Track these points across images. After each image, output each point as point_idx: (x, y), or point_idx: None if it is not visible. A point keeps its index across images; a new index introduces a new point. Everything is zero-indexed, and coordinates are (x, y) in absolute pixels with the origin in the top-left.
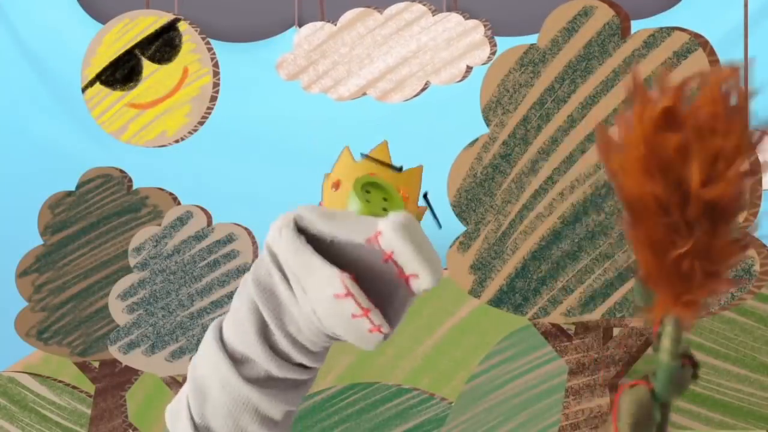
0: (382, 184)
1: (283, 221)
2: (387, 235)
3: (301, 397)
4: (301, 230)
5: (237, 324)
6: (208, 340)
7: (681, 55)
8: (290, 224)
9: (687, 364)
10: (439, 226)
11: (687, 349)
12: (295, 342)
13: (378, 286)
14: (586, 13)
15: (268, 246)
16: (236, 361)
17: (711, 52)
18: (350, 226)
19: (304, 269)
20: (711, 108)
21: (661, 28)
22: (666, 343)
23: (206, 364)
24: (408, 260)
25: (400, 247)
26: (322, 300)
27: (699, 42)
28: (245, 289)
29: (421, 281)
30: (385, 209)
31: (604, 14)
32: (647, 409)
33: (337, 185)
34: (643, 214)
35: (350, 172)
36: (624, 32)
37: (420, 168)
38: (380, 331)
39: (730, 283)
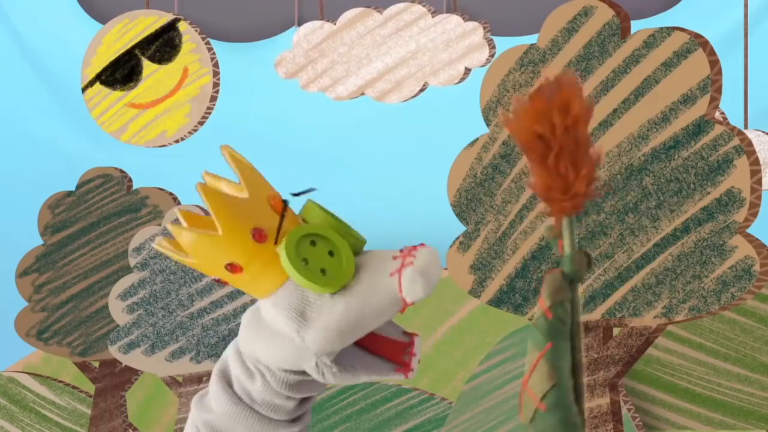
0: (326, 235)
1: (324, 368)
2: (419, 300)
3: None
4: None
5: (274, 407)
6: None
7: (681, 55)
8: (330, 368)
9: (585, 253)
10: (311, 189)
11: (583, 247)
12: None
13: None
14: (586, 13)
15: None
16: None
17: (711, 52)
18: (381, 315)
19: (357, 380)
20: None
21: (661, 28)
22: (566, 237)
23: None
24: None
25: (424, 294)
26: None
27: (699, 42)
28: (273, 393)
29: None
30: (323, 270)
31: (604, 14)
32: (560, 283)
33: (238, 268)
34: (533, 147)
35: (240, 249)
36: (624, 32)
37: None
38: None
39: (595, 182)
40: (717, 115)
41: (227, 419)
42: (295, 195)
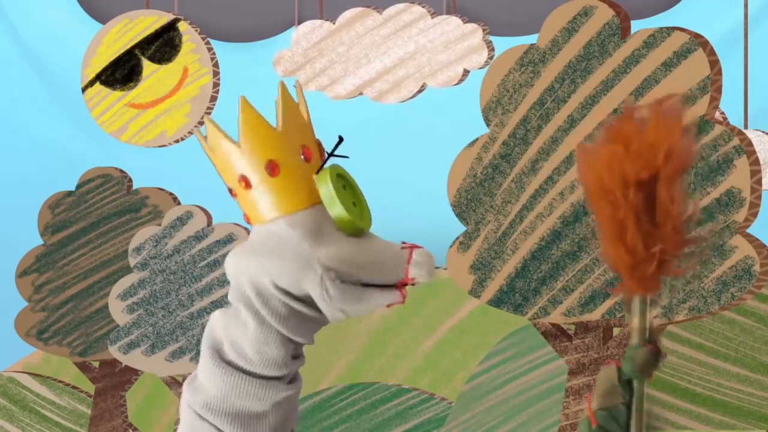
0: (355, 186)
1: (328, 281)
2: (420, 281)
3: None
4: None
5: (270, 360)
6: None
7: (681, 55)
8: (334, 281)
9: (651, 349)
10: (346, 156)
11: (656, 335)
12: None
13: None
14: (586, 13)
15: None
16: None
17: (711, 52)
18: (384, 273)
19: (359, 302)
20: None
21: (661, 28)
22: (634, 321)
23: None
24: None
25: (424, 280)
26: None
27: (699, 42)
28: (267, 331)
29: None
30: (355, 204)
31: (604, 14)
32: (614, 385)
33: (275, 171)
34: (599, 203)
35: (288, 152)
36: (624, 32)
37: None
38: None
39: (683, 269)
40: (717, 115)
41: (225, 393)
42: (329, 156)
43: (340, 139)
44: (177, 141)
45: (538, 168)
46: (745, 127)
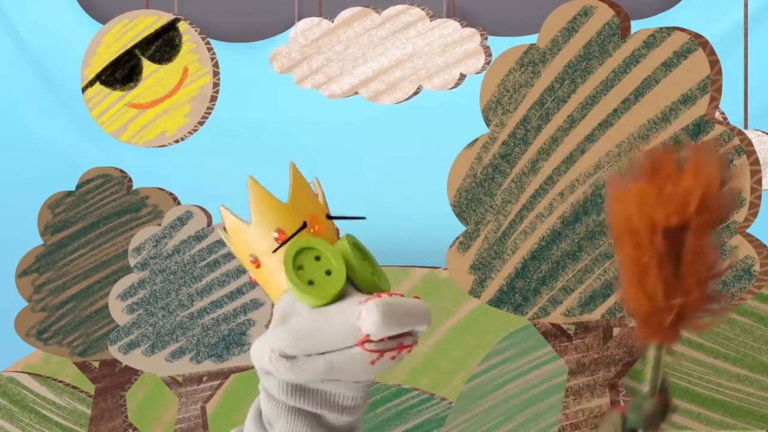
0: (311, 245)
1: (273, 358)
2: (376, 334)
3: None
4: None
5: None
6: None
7: (681, 55)
8: (278, 361)
9: (661, 401)
10: (362, 217)
11: (667, 385)
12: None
13: None
14: (586, 13)
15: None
16: None
17: (711, 52)
18: (337, 337)
19: (317, 369)
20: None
21: (661, 28)
22: (647, 369)
23: None
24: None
25: (390, 332)
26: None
27: (699, 42)
28: (276, 406)
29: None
30: (311, 282)
31: (604, 14)
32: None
33: (257, 263)
34: (623, 243)
35: (261, 246)
36: (624, 32)
37: (300, 180)
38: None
39: (702, 323)
40: (717, 115)
41: None
42: (329, 218)
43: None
44: (177, 141)
45: (538, 168)
46: (745, 127)
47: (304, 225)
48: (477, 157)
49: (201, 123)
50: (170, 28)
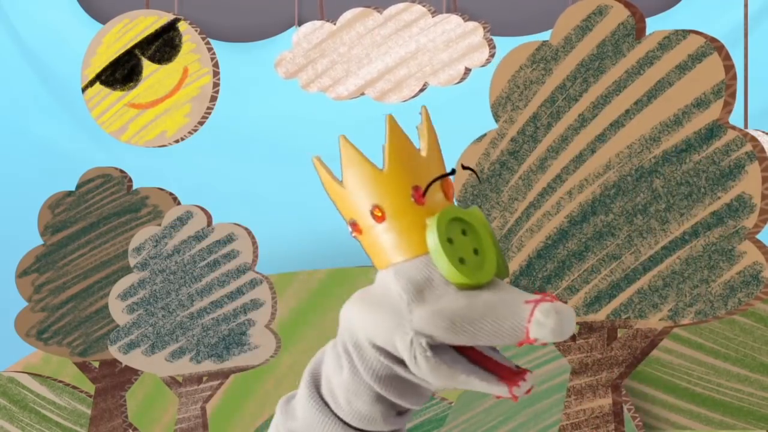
0: (479, 230)
1: (418, 348)
2: (546, 340)
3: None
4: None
5: (359, 414)
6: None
7: (696, 58)
8: (425, 351)
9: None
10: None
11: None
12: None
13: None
14: (600, 12)
15: (379, 347)
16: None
17: (726, 57)
18: (501, 332)
19: (452, 382)
20: None
21: (677, 31)
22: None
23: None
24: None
25: (556, 340)
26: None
27: (715, 46)
28: (359, 384)
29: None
30: (462, 260)
31: (618, 14)
32: None
33: (381, 217)
34: None
35: (398, 200)
36: (639, 33)
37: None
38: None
39: None
40: None
41: (312, 427)
42: (465, 168)
43: (453, 171)
44: (177, 141)
45: (546, 166)
46: (745, 127)
47: (453, 171)
48: (485, 152)
49: (201, 123)
50: (170, 28)
